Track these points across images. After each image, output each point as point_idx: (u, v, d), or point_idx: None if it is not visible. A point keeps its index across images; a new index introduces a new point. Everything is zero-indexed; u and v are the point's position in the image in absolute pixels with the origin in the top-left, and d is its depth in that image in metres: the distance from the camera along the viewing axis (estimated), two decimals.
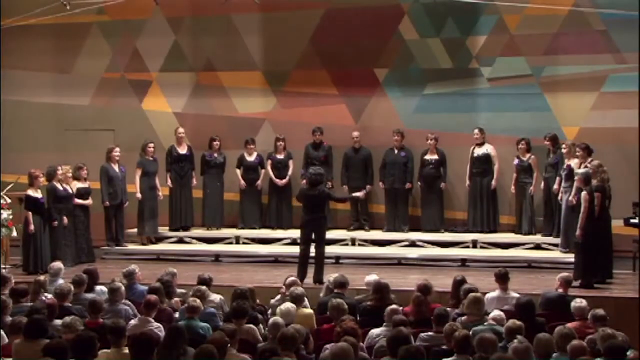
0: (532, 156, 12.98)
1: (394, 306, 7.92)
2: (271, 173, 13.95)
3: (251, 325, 7.77)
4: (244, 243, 13.54)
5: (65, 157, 13.93)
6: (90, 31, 14.91)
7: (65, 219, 12.21)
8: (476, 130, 13.31)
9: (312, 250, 11.10)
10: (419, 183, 13.65)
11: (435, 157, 13.50)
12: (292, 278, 9.27)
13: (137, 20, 14.73)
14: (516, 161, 13.08)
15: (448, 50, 13.86)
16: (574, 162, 11.76)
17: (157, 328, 7.74)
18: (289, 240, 13.20)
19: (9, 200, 12.40)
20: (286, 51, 14.36)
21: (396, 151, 13.68)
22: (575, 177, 11.07)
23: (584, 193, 10.52)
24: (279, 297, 9.01)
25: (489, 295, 8.87)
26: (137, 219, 13.52)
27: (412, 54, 14.00)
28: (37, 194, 12.01)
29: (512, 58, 13.60)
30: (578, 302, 8.13)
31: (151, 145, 13.50)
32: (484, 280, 9.97)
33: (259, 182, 14.04)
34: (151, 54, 14.80)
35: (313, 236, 11.07)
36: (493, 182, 13.33)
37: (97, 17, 14.64)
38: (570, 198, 11.40)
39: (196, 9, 14.61)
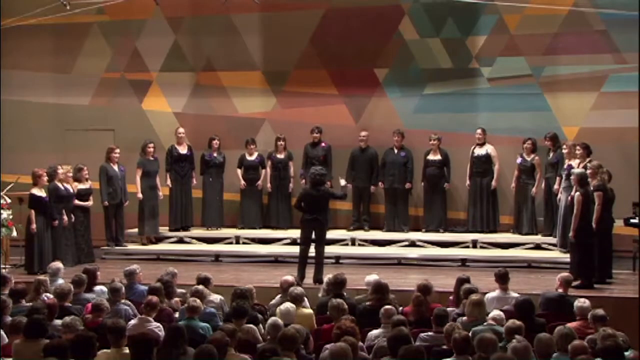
0: (536, 157, 12.98)
1: (387, 307, 7.90)
2: (269, 173, 13.95)
3: (251, 325, 7.77)
4: (244, 243, 13.54)
5: (65, 157, 13.96)
6: (90, 31, 14.92)
7: (66, 219, 12.21)
8: (479, 130, 13.32)
9: (312, 250, 11.10)
10: (422, 183, 13.66)
11: (439, 157, 13.50)
12: (288, 278, 9.20)
13: (137, 20, 14.73)
14: (519, 160, 13.07)
15: (448, 50, 13.87)
16: (574, 162, 11.75)
17: (157, 328, 7.75)
18: (289, 240, 13.21)
19: (9, 200, 12.40)
20: (286, 51, 14.36)
21: (396, 151, 13.68)
22: (572, 177, 11.06)
23: (577, 194, 10.53)
24: (278, 297, 9.00)
25: (489, 295, 8.87)
26: (138, 218, 13.51)
27: (412, 54, 14.01)
28: (42, 193, 12.00)
29: (512, 58, 13.61)
30: (581, 302, 8.13)
31: (151, 145, 13.50)
32: (484, 280, 9.96)
33: (259, 182, 14.05)
34: (151, 54, 14.80)
35: (313, 236, 11.08)
36: (493, 183, 13.34)
37: (97, 17, 14.66)
38: (569, 197, 11.38)
39: (196, 9, 14.62)
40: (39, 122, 15.08)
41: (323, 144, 13.89)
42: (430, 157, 13.54)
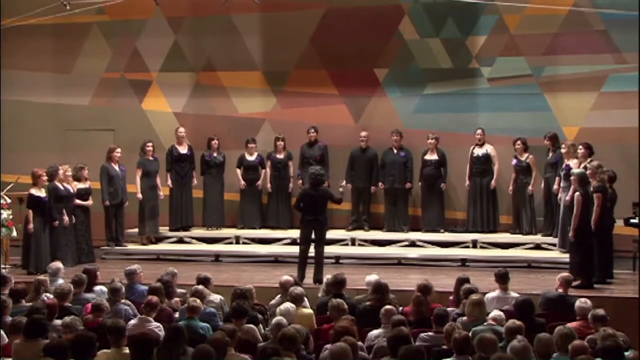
0: (530, 155, 12.98)
1: (388, 307, 7.90)
2: (269, 173, 13.95)
3: (251, 325, 7.77)
4: (244, 243, 13.54)
5: (65, 157, 13.94)
6: (90, 31, 14.92)
7: (66, 219, 12.21)
8: (479, 131, 13.31)
9: (312, 250, 11.10)
10: (419, 183, 13.66)
11: (435, 157, 13.49)
12: (288, 278, 9.20)
13: (137, 20, 14.73)
14: (514, 161, 13.08)
15: (448, 50, 13.87)
16: (572, 162, 11.76)
17: (157, 328, 7.75)
18: (289, 240, 13.21)
19: (9, 200, 12.40)
20: (286, 51, 14.36)
21: (395, 151, 13.68)
22: (571, 177, 11.06)
23: (577, 194, 10.52)
24: (278, 297, 9.00)
25: (489, 295, 8.87)
26: (138, 218, 13.51)
27: (412, 54, 14.01)
28: (41, 193, 11.99)
29: (512, 58, 13.61)
30: (582, 302, 8.12)
31: (149, 145, 13.49)
32: (484, 280, 9.98)
33: (259, 182, 14.05)
34: (151, 54, 14.81)
35: (313, 236, 11.08)
36: (493, 182, 13.33)
37: (97, 17, 14.65)
38: (567, 198, 11.40)
39: (196, 9, 14.62)
40: (39, 122, 15.08)
41: (319, 144, 13.88)
42: (428, 156, 13.53)
